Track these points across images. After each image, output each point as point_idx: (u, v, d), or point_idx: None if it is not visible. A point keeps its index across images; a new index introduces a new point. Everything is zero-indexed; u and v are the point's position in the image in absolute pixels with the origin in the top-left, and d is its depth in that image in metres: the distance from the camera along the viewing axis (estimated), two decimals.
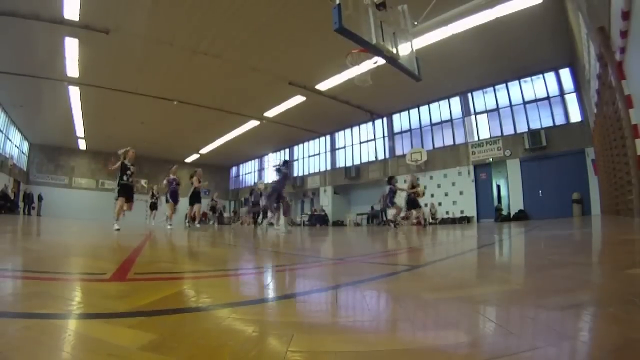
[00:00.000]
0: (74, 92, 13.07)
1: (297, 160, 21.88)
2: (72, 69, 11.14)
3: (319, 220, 17.86)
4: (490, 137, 12.98)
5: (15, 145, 18.49)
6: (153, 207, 12.60)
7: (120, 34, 9.32)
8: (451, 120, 14.28)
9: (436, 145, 14.61)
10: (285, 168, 7.03)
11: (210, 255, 2.68)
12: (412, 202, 9.10)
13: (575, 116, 11.18)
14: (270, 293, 1.18)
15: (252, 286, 1.35)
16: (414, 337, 0.69)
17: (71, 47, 9.87)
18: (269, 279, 1.50)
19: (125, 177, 6.47)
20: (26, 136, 20.03)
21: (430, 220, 12.77)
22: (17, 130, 18.36)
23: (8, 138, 16.96)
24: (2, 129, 15.94)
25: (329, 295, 1.13)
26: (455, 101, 14.14)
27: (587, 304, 0.89)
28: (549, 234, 3.96)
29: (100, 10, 8.45)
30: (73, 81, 12.05)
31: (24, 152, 20.46)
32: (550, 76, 11.65)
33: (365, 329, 0.74)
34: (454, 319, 0.81)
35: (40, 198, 20.03)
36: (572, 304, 0.87)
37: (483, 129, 13.35)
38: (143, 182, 24.33)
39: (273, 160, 24.14)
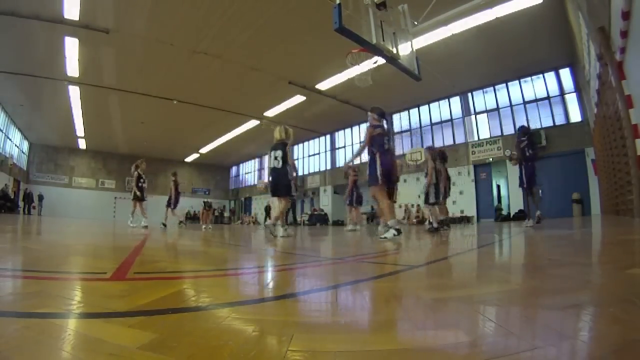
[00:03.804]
0: (74, 92, 13.08)
1: (297, 160, 21.87)
2: (72, 68, 11.15)
3: (319, 219, 17.89)
4: (490, 137, 12.98)
5: (15, 145, 18.49)
6: (139, 194, 7.75)
7: (120, 34, 9.32)
8: (451, 120, 14.30)
9: (436, 145, 14.60)
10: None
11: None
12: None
13: (575, 116, 11.19)
14: (270, 292, 1.18)
15: (252, 285, 1.35)
16: (413, 336, 0.68)
17: (71, 46, 9.88)
18: (269, 279, 1.50)
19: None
20: (26, 135, 20.03)
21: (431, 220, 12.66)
22: (17, 130, 18.37)
23: (8, 137, 16.96)
24: (2, 129, 15.94)
25: (329, 294, 1.13)
26: (455, 101, 14.15)
27: (587, 304, 0.89)
28: (549, 234, 3.96)
29: (100, 10, 8.46)
30: (73, 81, 12.07)
31: (24, 151, 20.47)
32: (550, 76, 11.66)
33: (366, 329, 0.74)
34: (453, 319, 0.80)
35: (40, 197, 20.04)
36: (572, 304, 0.86)
37: (483, 128, 13.37)
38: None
39: None
